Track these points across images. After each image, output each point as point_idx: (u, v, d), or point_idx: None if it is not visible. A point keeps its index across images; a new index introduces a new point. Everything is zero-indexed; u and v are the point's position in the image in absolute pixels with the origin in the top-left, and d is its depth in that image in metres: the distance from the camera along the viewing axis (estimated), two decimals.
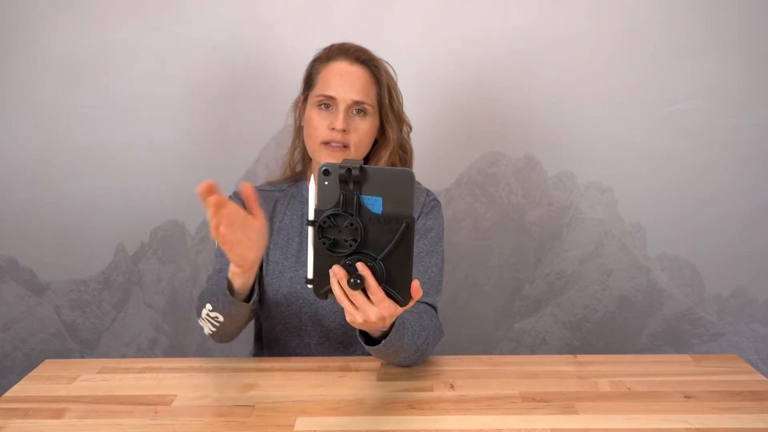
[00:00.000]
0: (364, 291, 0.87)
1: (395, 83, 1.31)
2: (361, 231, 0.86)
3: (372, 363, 1.20)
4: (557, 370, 1.17)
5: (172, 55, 1.74)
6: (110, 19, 1.73)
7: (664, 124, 1.78)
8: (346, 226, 0.86)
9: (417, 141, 1.76)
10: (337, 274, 0.86)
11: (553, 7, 1.72)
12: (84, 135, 1.78)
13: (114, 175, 1.80)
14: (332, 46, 1.29)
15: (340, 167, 0.85)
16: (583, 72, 1.75)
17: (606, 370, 1.17)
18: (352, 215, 0.86)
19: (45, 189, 1.81)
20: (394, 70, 1.31)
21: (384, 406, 1.04)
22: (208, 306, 1.14)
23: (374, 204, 0.86)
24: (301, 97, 1.32)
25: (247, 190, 0.96)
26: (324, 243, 0.87)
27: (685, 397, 1.06)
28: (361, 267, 0.86)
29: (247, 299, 1.13)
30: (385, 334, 1.02)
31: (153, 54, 1.74)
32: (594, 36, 1.73)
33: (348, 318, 0.91)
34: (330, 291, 0.89)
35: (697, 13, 1.72)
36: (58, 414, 1.02)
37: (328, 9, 1.72)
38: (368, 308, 0.88)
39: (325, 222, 0.86)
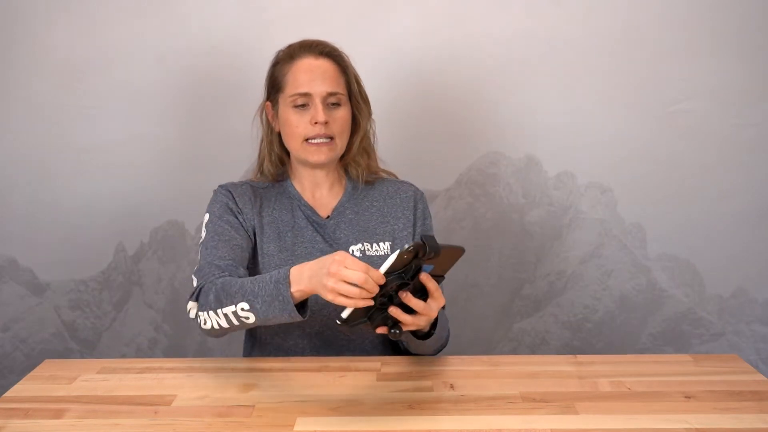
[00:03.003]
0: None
1: (356, 70, 1.32)
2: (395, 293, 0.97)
3: (372, 363, 1.21)
4: (557, 370, 1.17)
5: (172, 55, 1.74)
6: (110, 19, 1.73)
7: (664, 124, 1.78)
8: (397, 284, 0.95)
9: (417, 141, 1.77)
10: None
11: (554, 7, 1.72)
12: (84, 135, 1.78)
13: (114, 174, 1.80)
14: (291, 45, 1.29)
15: (427, 247, 0.91)
16: (583, 72, 1.75)
17: (606, 370, 1.17)
18: (409, 282, 0.95)
19: (45, 189, 1.81)
20: (349, 57, 1.31)
21: (384, 406, 1.04)
22: (243, 305, 1.05)
23: (426, 268, 0.97)
24: (268, 103, 1.32)
25: None
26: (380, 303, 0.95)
27: (685, 397, 1.06)
28: (394, 311, 0.98)
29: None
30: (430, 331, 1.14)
31: (153, 54, 1.74)
32: (594, 36, 1.73)
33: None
34: (356, 324, 0.96)
35: (696, 13, 1.72)
36: (58, 414, 1.02)
37: (328, 9, 1.72)
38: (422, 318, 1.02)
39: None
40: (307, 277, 1.00)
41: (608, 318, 1.88)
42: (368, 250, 1.28)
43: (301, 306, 1.04)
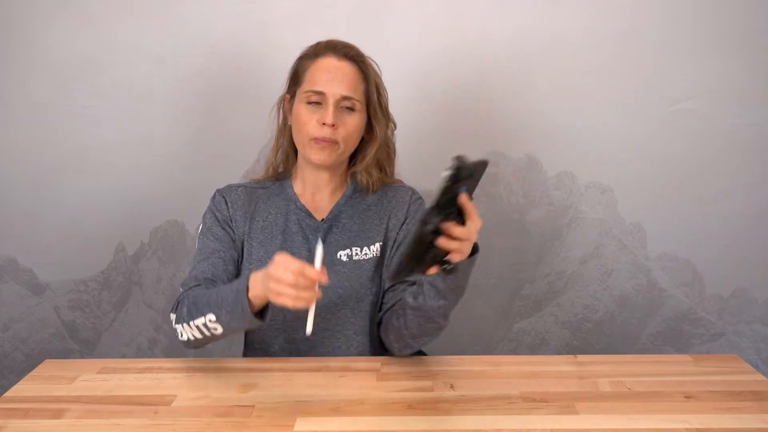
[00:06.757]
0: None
1: (381, 80, 1.31)
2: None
3: (372, 363, 1.21)
4: (557, 370, 1.17)
5: (172, 55, 1.74)
6: (109, 19, 1.73)
7: (664, 124, 1.78)
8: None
9: (417, 141, 1.76)
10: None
11: (554, 7, 1.72)
12: (83, 135, 1.78)
13: (114, 175, 1.80)
14: (319, 43, 1.29)
15: (461, 166, 0.94)
16: (584, 72, 1.75)
17: (606, 370, 1.17)
18: (452, 211, 0.98)
19: (45, 189, 1.81)
20: (379, 67, 1.31)
21: (384, 406, 1.04)
22: (210, 316, 1.11)
23: (461, 190, 0.99)
24: (287, 96, 1.32)
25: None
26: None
27: (685, 397, 1.06)
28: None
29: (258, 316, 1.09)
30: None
31: (153, 54, 1.74)
32: (594, 36, 1.73)
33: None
34: (410, 274, 0.98)
35: (697, 13, 1.72)
36: (58, 414, 1.02)
37: (328, 9, 1.72)
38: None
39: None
40: (260, 282, 1.04)
41: (608, 318, 1.88)
42: (356, 254, 1.28)
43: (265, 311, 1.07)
